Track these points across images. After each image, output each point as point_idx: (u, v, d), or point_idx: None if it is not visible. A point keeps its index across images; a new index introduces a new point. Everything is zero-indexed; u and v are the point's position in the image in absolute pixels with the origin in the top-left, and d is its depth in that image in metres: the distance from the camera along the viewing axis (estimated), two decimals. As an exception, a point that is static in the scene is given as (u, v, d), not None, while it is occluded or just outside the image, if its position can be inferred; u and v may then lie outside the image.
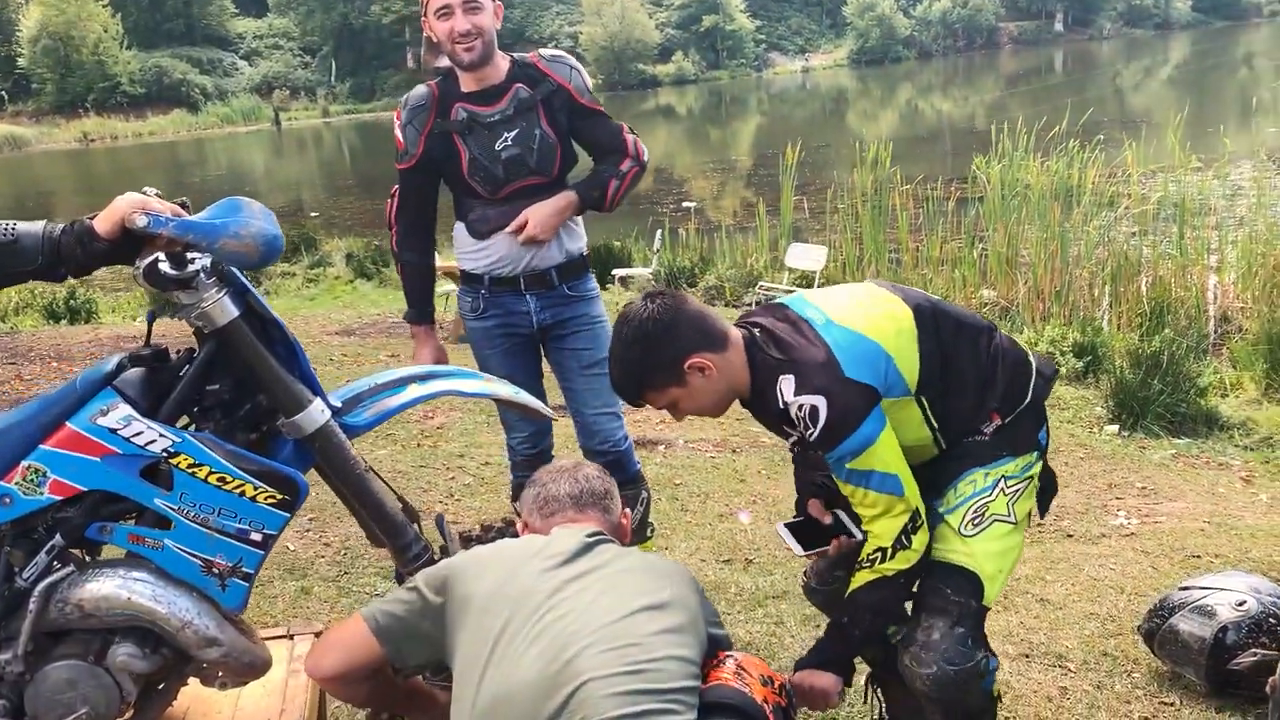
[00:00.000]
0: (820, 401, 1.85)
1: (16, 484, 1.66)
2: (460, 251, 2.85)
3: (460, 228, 2.84)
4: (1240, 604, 2.41)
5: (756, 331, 1.99)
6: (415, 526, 1.91)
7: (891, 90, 47.77)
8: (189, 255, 1.66)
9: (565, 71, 2.77)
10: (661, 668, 1.54)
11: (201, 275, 1.65)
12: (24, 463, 1.67)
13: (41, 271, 1.63)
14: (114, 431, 1.66)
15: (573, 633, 1.56)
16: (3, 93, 56.48)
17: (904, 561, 1.91)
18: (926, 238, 9.80)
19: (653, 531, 3.10)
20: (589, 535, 1.77)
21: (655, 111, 50.72)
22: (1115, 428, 5.39)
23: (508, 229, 2.73)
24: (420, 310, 2.90)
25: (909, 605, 2.02)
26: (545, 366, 2.98)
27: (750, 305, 8.30)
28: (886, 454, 1.87)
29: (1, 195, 30.33)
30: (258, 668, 1.81)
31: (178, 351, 1.77)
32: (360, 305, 9.89)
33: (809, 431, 1.87)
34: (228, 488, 1.69)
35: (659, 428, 5.22)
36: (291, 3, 64.76)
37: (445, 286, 8.66)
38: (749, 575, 3.38)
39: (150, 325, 1.76)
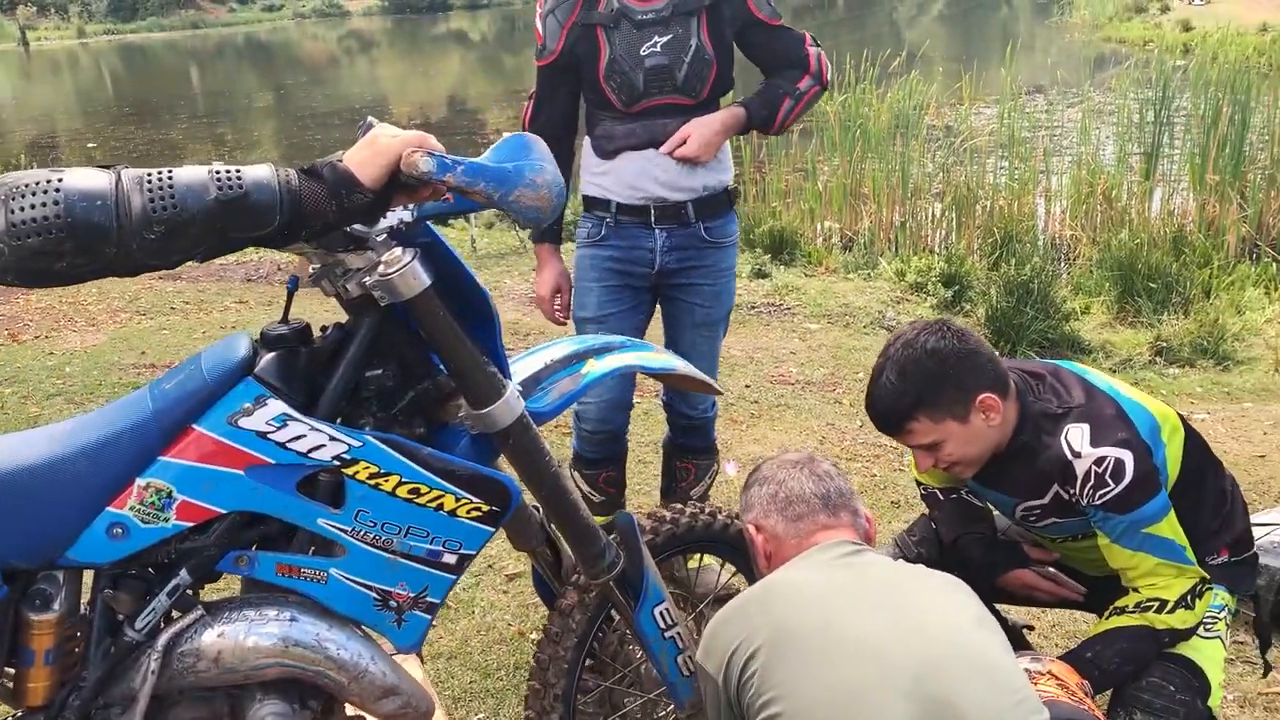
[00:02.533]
0: (1126, 456, 1.72)
1: (132, 509, 1.25)
2: (585, 172, 2.49)
3: (587, 143, 2.48)
4: None
5: (1024, 378, 1.86)
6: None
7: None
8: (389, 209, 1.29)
9: None
10: (1024, 692, 1.37)
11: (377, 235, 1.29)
12: (140, 480, 1.26)
13: (276, 235, 1.20)
14: (264, 436, 1.28)
15: (944, 675, 1.32)
16: None
17: (1181, 621, 1.78)
18: (770, 169, 9.85)
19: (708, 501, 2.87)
20: (854, 550, 1.56)
21: (448, 36, 48.95)
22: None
23: (668, 145, 2.34)
24: (548, 229, 2.52)
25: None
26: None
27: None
28: (1175, 523, 1.78)
29: None
30: (430, 715, 1.48)
31: (324, 329, 1.38)
32: (177, 246, 9.02)
33: (1104, 490, 1.73)
34: (421, 501, 1.35)
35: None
36: (31, -93, 58.20)
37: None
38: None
39: (291, 295, 1.39)
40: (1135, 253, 6.63)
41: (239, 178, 1.17)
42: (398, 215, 1.31)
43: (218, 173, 1.17)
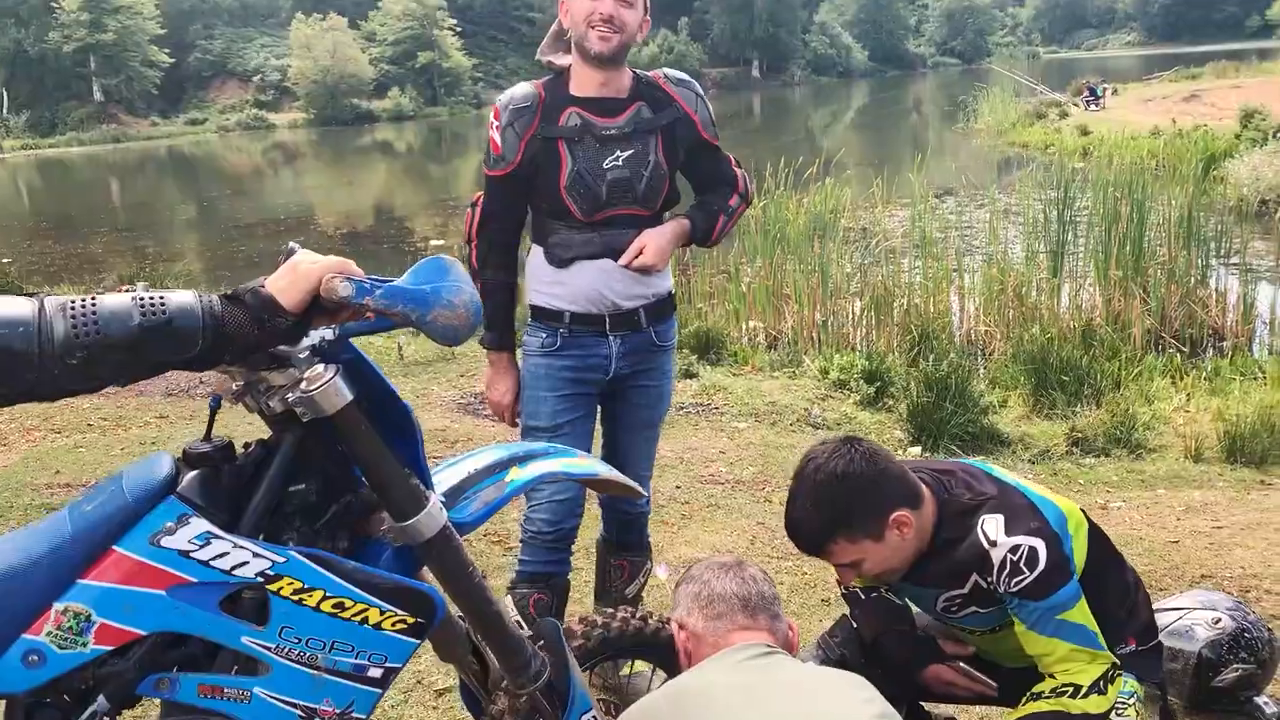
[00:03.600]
0: (1039, 544, 1.78)
1: (49, 635, 1.21)
2: (535, 282, 2.50)
3: (538, 253, 2.50)
4: (1216, 622, 2.54)
5: (936, 478, 1.92)
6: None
7: (610, 130, 48.99)
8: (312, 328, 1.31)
9: (692, 100, 2.49)
10: None
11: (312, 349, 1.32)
12: (58, 604, 1.22)
13: (199, 358, 1.21)
14: (186, 554, 1.25)
15: None
16: None
17: (1095, 706, 1.82)
18: (695, 273, 10.06)
19: (643, 606, 2.81)
20: (765, 652, 1.60)
21: (373, 147, 49.49)
22: (918, 449, 5.70)
23: (626, 257, 2.40)
24: (501, 335, 2.54)
25: None
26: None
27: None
28: (1087, 610, 1.83)
29: None
30: None
31: (246, 445, 1.38)
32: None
33: (1019, 577, 1.78)
34: (346, 615, 1.33)
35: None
36: (-50, 25, 58.06)
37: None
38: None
39: (213, 413, 1.37)
40: (1047, 347, 6.87)
41: (162, 304, 1.19)
42: (320, 334, 1.32)
43: (141, 299, 1.19)
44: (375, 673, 1.38)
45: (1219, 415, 5.80)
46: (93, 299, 1.17)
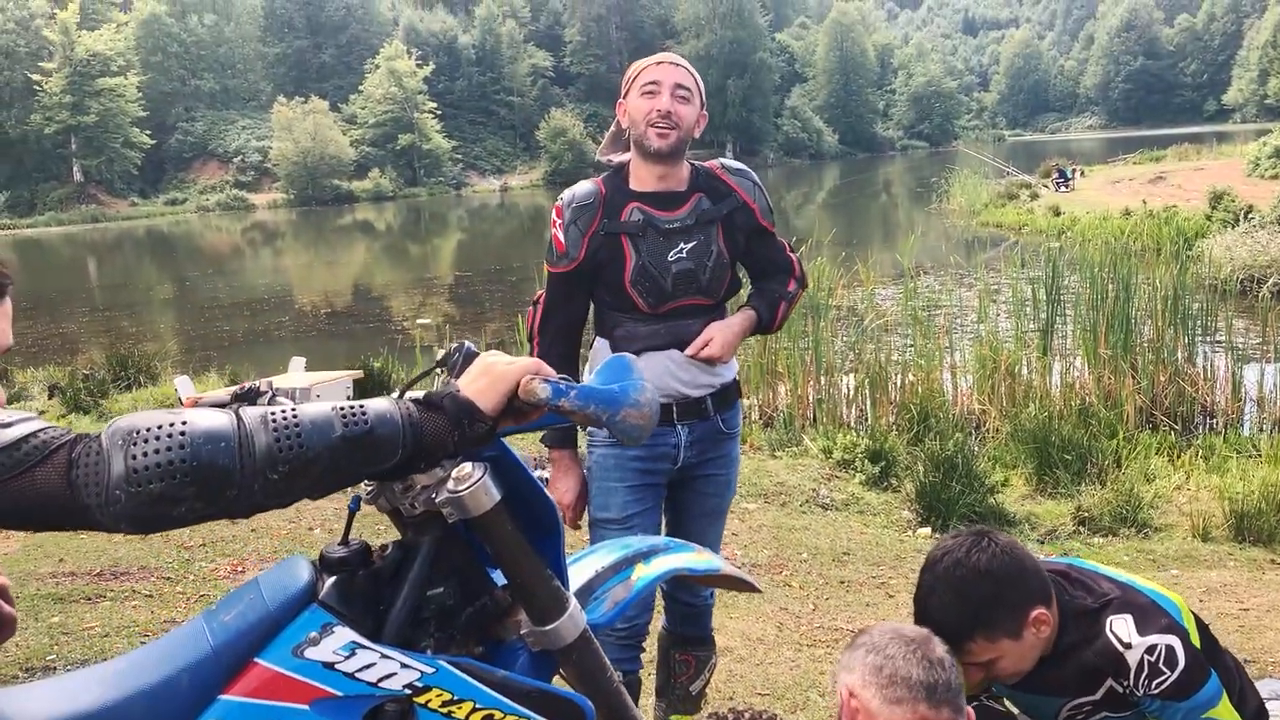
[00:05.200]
0: (1175, 642, 1.74)
1: None
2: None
3: (603, 344, 2.50)
4: None
5: (1053, 578, 1.88)
6: None
7: (589, 210, 49.61)
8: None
9: (749, 188, 2.53)
10: None
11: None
12: None
13: (397, 467, 1.19)
14: (331, 666, 1.20)
15: None
16: None
17: None
18: (688, 352, 10.09)
19: (705, 702, 2.77)
20: None
21: (353, 227, 49.73)
22: (928, 530, 5.69)
23: (693, 347, 2.42)
24: (565, 432, 2.52)
25: None
26: None
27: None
28: (1230, 706, 1.79)
29: None
30: None
31: (382, 548, 1.32)
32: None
33: (1160, 679, 1.73)
34: None
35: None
36: (-70, 107, 58.37)
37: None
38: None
39: (352, 516, 1.33)
40: (1047, 425, 6.91)
41: (364, 413, 1.17)
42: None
43: (342, 409, 1.17)
44: None
45: (1221, 494, 5.83)
46: (294, 410, 1.15)
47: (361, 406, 1.18)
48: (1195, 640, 1.87)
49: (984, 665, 1.86)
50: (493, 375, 1.26)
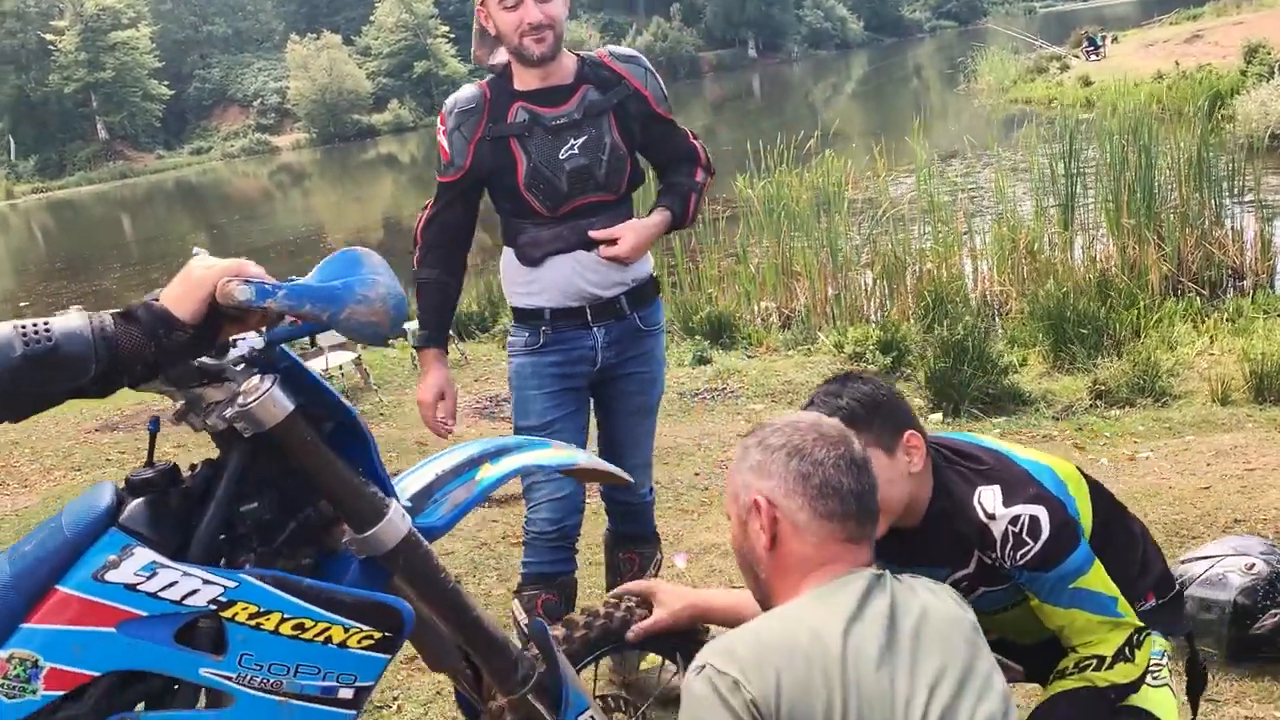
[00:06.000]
0: (1040, 512, 1.67)
1: None
2: (510, 284, 2.45)
3: (509, 255, 2.44)
4: (1250, 568, 2.45)
5: (932, 445, 1.82)
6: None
7: (611, 123, 48.98)
8: (234, 338, 1.25)
9: (641, 75, 2.40)
10: None
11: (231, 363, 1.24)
12: (2, 653, 1.15)
13: (93, 384, 1.13)
14: (133, 588, 1.18)
15: None
16: None
17: (1123, 675, 1.72)
18: (703, 258, 9.99)
19: None
20: (879, 590, 1.39)
21: (378, 161, 49.55)
22: (939, 415, 5.63)
23: (602, 249, 2.34)
24: (434, 334, 2.47)
25: None
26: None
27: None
28: (1103, 573, 1.74)
29: None
30: None
31: (192, 467, 1.31)
32: (115, 398, 8.86)
33: (1024, 549, 1.67)
34: (307, 636, 1.26)
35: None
36: (-48, 77, 58.68)
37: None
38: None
39: (153, 436, 1.31)
40: (1063, 301, 6.77)
41: (48, 331, 1.12)
42: (248, 343, 1.27)
43: (23, 327, 1.12)
44: (346, 694, 1.31)
45: (1244, 356, 5.69)
46: None
47: (46, 324, 1.13)
48: (1082, 509, 1.81)
49: None
50: (189, 281, 1.20)
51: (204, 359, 1.23)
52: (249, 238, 26.36)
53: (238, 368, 1.26)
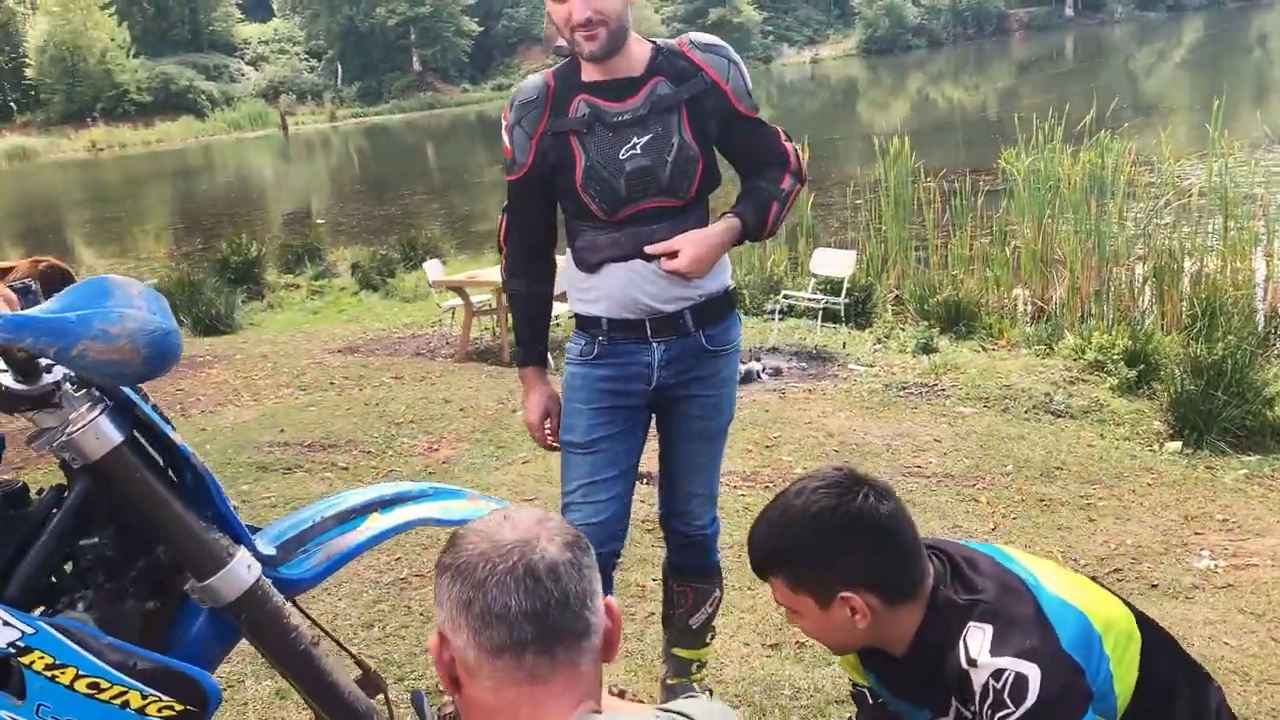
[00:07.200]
0: (1031, 671, 1.35)
1: None
2: (570, 288, 2.30)
3: (567, 259, 2.29)
4: None
5: (937, 560, 1.54)
6: (382, 697, 1.45)
7: (902, 80, 47.19)
8: (42, 360, 1.17)
9: (723, 67, 2.15)
10: None
11: (67, 387, 1.16)
12: None
13: None
14: None
15: None
16: (11, 104, 56.53)
17: None
18: (955, 234, 9.35)
19: (713, 637, 2.55)
20: None
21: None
22: (1178, 445, 4.96)
23: (662, 261, 2.12)
24: (528, 350, 2.33)
25: None
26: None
27: (772, 314, 7.87)
28: None
29: (12, 206, 30.14)
30: None
31: (39, 491, 1.25)
32: (365, 319, 9.50)
33: (1003, 713, 1.35)
34: (103, 697, 1.17)
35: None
36: (297, 7, 64.60)
37: (449, 301, 8.31)
38: (803, 667, 2.79)
39: None
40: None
41: None
42: (60, 370, 1.17)
43: None
44: None
45: None
46: None
47: None
48: (1123, 672, 1.42)
49: (789, 610, 1.53)
50: None
51: (9, 383, 1.15)
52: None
53: (78, 394, 1.17)
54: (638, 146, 2.10)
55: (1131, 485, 4.23)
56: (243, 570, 1.25)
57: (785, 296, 8.08)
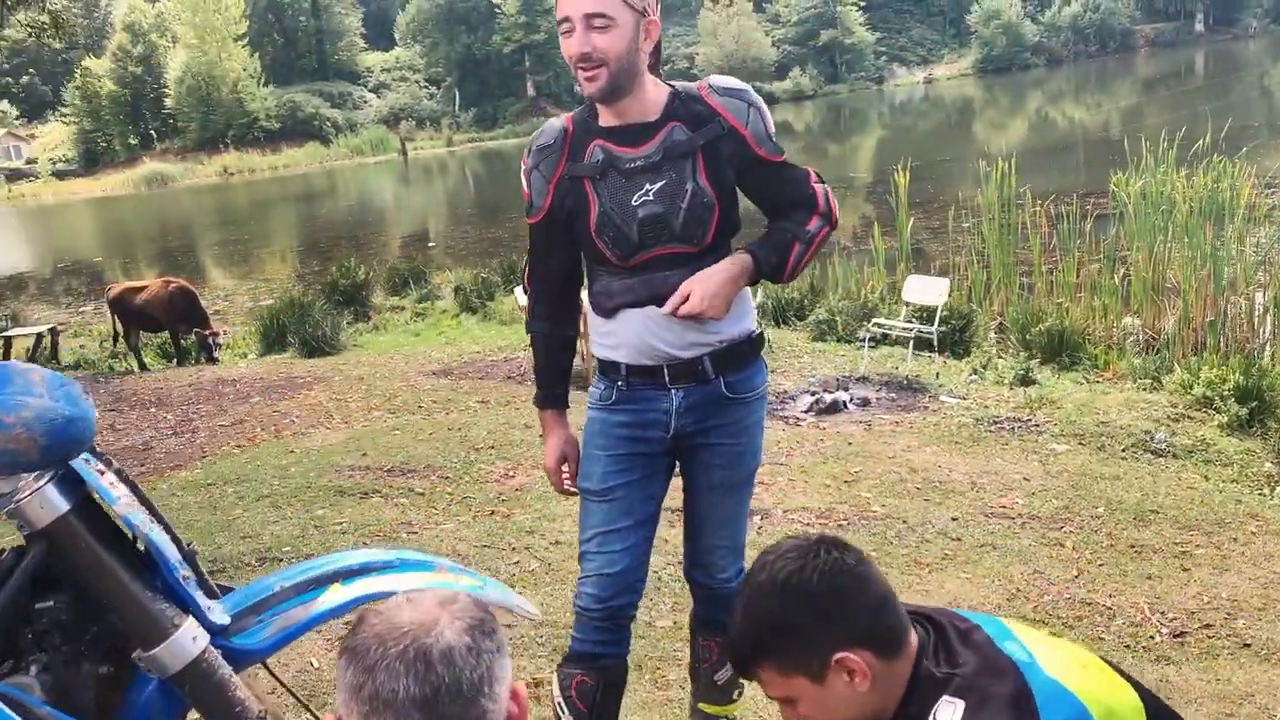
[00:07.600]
0: None
1: None
2: (591, 331, 2.27)
3: (585, 301, 2.28)
4: None
5: (922, 629, 1.45)
6: None
7: (1019, 99, 46.04)
8: None
9: (740, 111, 2.09)
10: None
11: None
12: None
13: None
14: None
15: None
16: (152, 132, 59.81)
17: None
18: (1061, 260, 9.02)
19: (740, 694, 2.46)
20: None
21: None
22: (1289, 489, 4.65)
23: (668, 306, 2.07)
24: (547, 392, 2.29)
25: None
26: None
27: (863, 341, 7.70)
28: None
29: (149, 228, 31.84)
30: None
31: (1, 552, 1.25)
32: (462, 341, 9.66)
33: None
34: None
35: (755, 493, 4.73)
36: (417, 35, 66.72)
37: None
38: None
39: None
40: None
41: None
42: None
43: None
44: None
45: None
46: None
47: None
48: None
49: (783, 700, 1.43)
50: None
51: None
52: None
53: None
54: (650, 193, 2.06)
55: (1233, 533, 3.97)
56: (188, 641, 1.24)
57: (876, 325, 7.89)
